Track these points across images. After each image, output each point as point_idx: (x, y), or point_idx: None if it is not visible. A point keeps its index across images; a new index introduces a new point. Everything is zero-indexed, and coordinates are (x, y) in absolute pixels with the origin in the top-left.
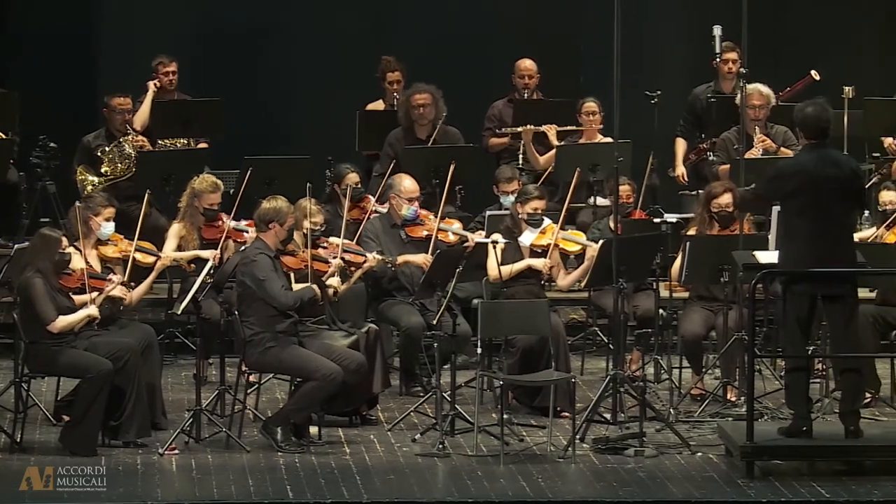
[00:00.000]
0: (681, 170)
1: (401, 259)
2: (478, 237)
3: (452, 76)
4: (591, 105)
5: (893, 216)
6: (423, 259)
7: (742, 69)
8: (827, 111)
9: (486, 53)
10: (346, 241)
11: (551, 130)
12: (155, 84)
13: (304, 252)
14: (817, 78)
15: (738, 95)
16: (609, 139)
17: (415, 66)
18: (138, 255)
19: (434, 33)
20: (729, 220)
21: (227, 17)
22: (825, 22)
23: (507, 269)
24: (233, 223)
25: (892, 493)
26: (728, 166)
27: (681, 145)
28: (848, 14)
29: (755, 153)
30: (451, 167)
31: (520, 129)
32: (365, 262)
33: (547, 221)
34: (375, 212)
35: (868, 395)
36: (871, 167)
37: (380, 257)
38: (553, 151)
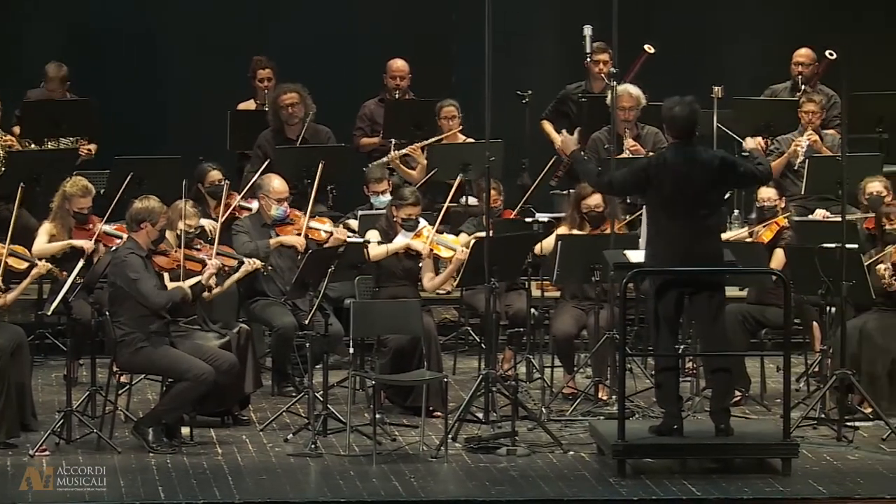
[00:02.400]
0: (561, 137)
1: (273, 242)
2: (348, 236)
3: (324, 75)
4: (450, 109)
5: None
6: (297, 240)
7: (612, 69)
8: (695, 110)
9: (359, 53)
10: (222, 245)
11: (416, 152)
12: None
13: (176, 252)
14: (651, 51)
15: (609, 96)
16: (471, 139)
17: (286, 65)
18: (11, 261)
19: (306, 32)
20: (599, 220)
21: (101, 19)
22: (694, 22)
23: (384, 249)
24: (104, 227)
25: (761, 491)
26: (599, 169)
27: (548, 125)
28: (716, 14)
29: (625, 155)
30: (320, 166)
31: (386, 158)
32: (240, 265)
33: (422, 223)
34: (243, 207)
35: (738, 393)
36: None
37: (259, 264)
38: (425, 164)
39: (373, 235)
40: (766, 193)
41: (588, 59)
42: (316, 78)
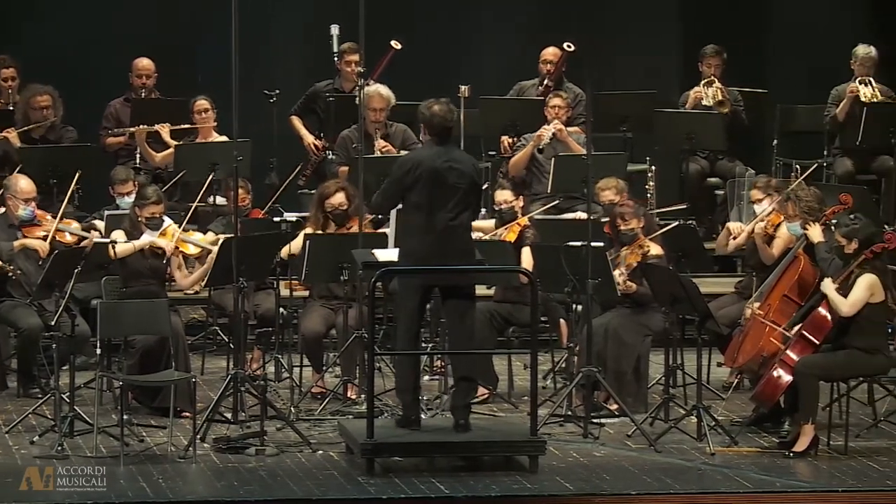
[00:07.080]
0: (310, 138)
1: (17, 244)
2: (96, 236)
3: (69, 75)
4: (202, 103)
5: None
6: (40, 244)
7: (360, 68)
8: (452, 110)
9: (104, 52)
10: None
11: (164, 129)
12: None
13: None
14: (398, 47)
15: (358, 96)
16: (224, 137)
17: (31, 64)
18: None
19: (52, 31)
20: (343, 218)
21: None
22: (441, 22)
23: (130, 246)
24: None
25: (509, 489)
26: (347, 168)
27: (297, 121)
28: (463, 13)
29: (377, 155)
30: (77, 175)
31: (133, 129)
32: None
33: (168, 222)
34: None
35: (485, 390)
36: (488, 165)
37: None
38: (170, 150)
39: (118, 236)
40: (503, 196)
41: (336, 59)
42: (62, 76)
